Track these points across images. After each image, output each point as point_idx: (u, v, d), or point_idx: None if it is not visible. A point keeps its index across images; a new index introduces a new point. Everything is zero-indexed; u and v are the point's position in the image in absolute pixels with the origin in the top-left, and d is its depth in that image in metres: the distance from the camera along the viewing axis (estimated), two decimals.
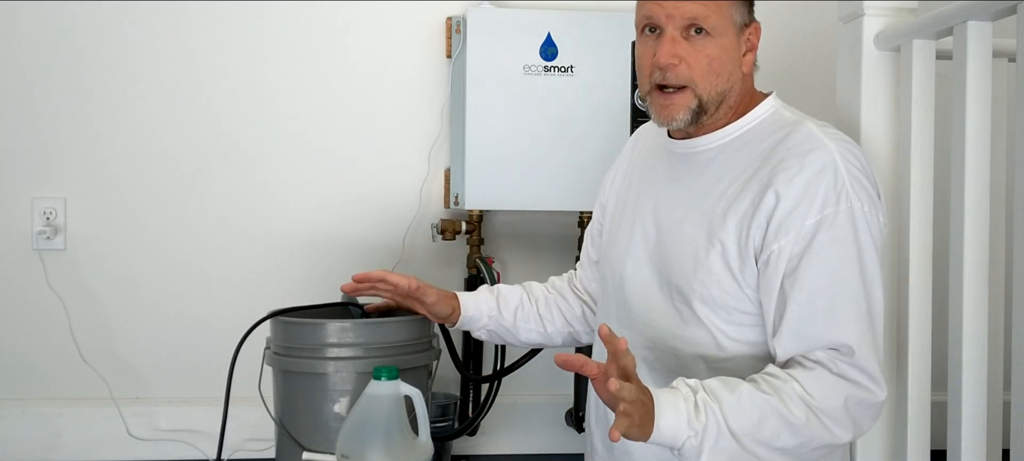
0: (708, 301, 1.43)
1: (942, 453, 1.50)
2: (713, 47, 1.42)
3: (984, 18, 1.41)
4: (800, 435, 1.32)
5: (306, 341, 1.77)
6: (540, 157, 2.35)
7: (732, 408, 1.30)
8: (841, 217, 1.36)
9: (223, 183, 2.46)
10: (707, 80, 1.43)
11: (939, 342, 1.56)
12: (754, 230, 1.38)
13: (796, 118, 1.47)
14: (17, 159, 2.40)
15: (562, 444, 2.54)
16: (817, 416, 1.32)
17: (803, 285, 1.36)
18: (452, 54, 2.43)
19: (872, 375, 1.35)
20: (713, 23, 1.42)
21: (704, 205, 1.45)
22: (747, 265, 1.40)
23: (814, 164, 1.37)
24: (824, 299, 1.35)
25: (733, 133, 1.48)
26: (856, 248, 1.36)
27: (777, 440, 1.32)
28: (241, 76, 2.46)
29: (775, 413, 1.31)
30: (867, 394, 1.35)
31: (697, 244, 1.44)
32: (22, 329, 2.42)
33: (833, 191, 1.36)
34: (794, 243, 1.36)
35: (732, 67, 1.45)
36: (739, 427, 1.29)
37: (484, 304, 1.74)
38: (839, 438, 1.35)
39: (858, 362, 1.34)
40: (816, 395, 1.33)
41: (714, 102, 1.45)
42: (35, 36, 2.39)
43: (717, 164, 1.48)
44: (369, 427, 1.47)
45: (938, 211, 1.58)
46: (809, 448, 1.35)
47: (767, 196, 1.37)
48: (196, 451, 2.42)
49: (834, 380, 1.34)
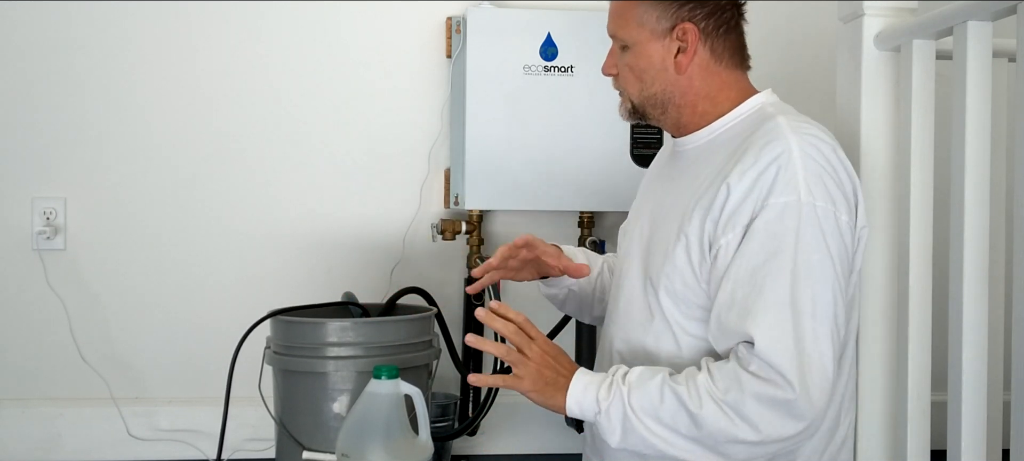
0: (671, 293, 1.46)
1: (942, 453, 1.50)
2: (631, 57, 1.53)
3: (984, 18, 1.41)
4: (702, 426, 1.34)
5: (306, 340, 1.77)
6: (540, 157, 2.35)
7: (639, 390, 1.37)
8: (785, 209, 1.34)
9: (223, 183, 2.46)
10: (634, 88, 1.55)
11: (939, 342, 1.56)
12: (708, 223, 1.41)
13: (774, 111, 1.47)
14: (17, 159, 2.40)
15: (562, 444, 2.54)
16: (719, 407, 1.33)
17: (730, 273, 1.37)
18: (452, 54, 2.44)
19: (781, 371, 1.31)
20: (627, 36, 1.53)
21: (681, 201, 1.48)
22: (704, 259, 1.42)
23: (766, 157, 1.37)
24: (743, 289, 1.36)
25: (716, 130, 1.52)
26: (794, 241, 1.34)
27: (679, 425, 1.35)
28: (241, 76, 2.46)
29: (677, 399, 1.35)
30: (777, 391, 1.31)
31: (669, 238, 1.47)
32: (22, 329, 2.42)
33: (781, 183, 1.35)
34: (740, 235, 1.37)
35: (656, 72, 1.52)
36: (640, 406, 1.36)
37: (588, 260, 1.77)
38: (746, 434, 1.33)
39: (762, 355, 1.31)
40: (720, 386, 1.34)
41: (650, 103, 1.54)
42: (35, 36, 2.39)
43: (699, 161, 1.51)
44: (369, 426, 1.47)
45: (938, 211, 1.58)
46: (719, 442, 1.35)
47: (721, 189, 1.39)
48: (196, 451, 2.42)
49: (739, 372, 1.34)
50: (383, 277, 2.47)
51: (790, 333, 1.32)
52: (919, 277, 1.58)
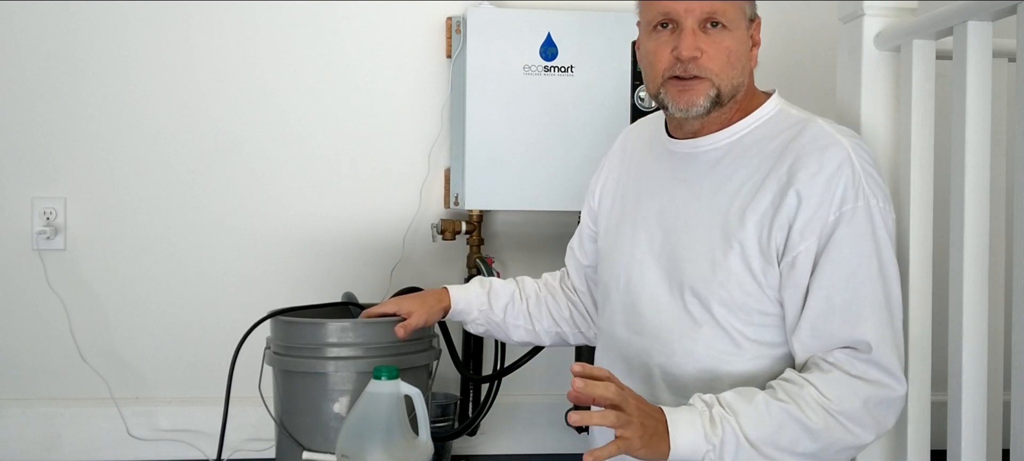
0: (727, 303, 1.42)
1: (942, 453, 1.50)
2: (730, 40, 1.43)
3: (984, 18, 1.41)
4: (820, 440, 1.32)
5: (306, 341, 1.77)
6: (540, 157, 2.35)
7: (749, 418, 1.30)
8: (859, 213, 1.37)
9: (223, 183, 2.46)
10: (725, 72, 1.43)
11: (939, 342, 1.56)
12: (776, 231, 1.38)
13: (804, 115, 1.48)
14: (17, 159, 2.40)
15: (562, 444, 2.54)
16: (836, 419, 1.32)
17: (821, 281, 1.36)
18: (452, 54, 2.43)
19: (891, 371, 1.36)
20: (730, 16, 1.43)
21: (716, 205, 1.45)
22: (770, 266, 1.40)
23: (832, 161, 1.38)
24: (842, 295, 1.36)
25: (740, 132, 1.48)
26: (874, 244, 1.37)
27: (797, 446, 1.32)
28: (241, 76, 2.46)
29: (793, 420, 1.31)
30: (886, 391, 1.35)
31: (713, 246, 1.43)
32: (22, 329, 2.42)
33: (851, 187, 1.37)
34: (817, 242, 1.37)
35: (745, 61, 1.46)
36: (757, 437, 1.30)
37: (475, 298, 1.73)
38: (861, 439, 1.35)
39: (876, 358, 1.35)
40: (833, 398, 1.32)
41: (729, 94, 1.45)
42: (35, 36, 2.39)
43: (726, 163, 1.47)
44: (369, 427, 1.47)
45: (938, 211, 1.58)
46: (832, 452, 1.35)
47: (788, 196, 1.38)
48: (196, 451, 2.42)
49: (851, 381, 1.34)
50: (383, 277, 2.48)
51: (889, 333, 1.37)
52: (919, 277, 1.58)
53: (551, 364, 2.28)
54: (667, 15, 1.44)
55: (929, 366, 1.59)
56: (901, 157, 1.61)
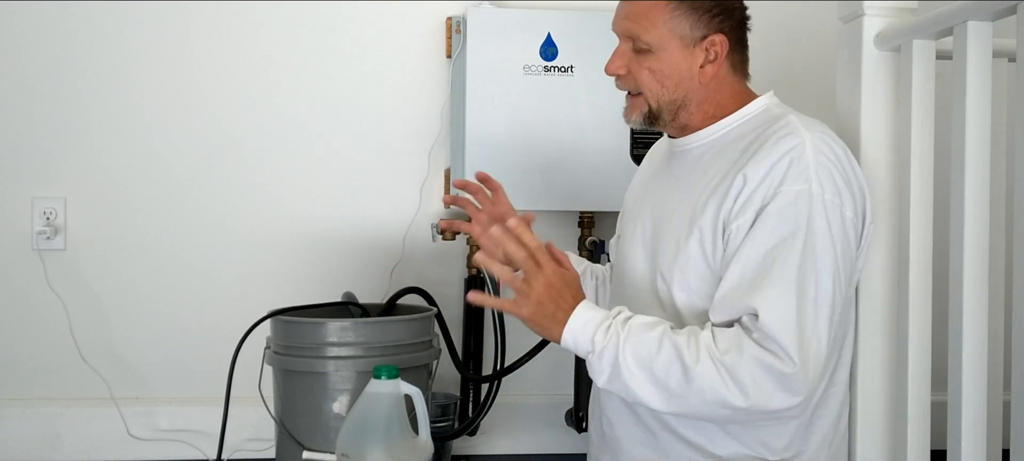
0: (685, 287, 1.47)
1: (942, 453, 1.50)
2: (653, 61, 1.51)
3: (984, 18, 1.41)
4: (693, 381, 1.34)
5: (306, 340, 1.77)
6: (540, 157, 2.35)
7: (638, 340, 1.37)
8: (792, 197, 1.38)
9: (223, 183, 2.46)
10: (655, 90, 1.52)
11: (939, 342, 1.56)
12: (723, 212, 1.43)
13: (783, 112, 1.52)
14: (17, 159, 2.40)
15: (562, 444, 2.54)
16: (714, 364, 1.35)
17: (740, 255, 1.40)
18: (452, 54, 2.44)
19: (783, 345, 1.34)
20: (652, 40, 1.50)
21: (690, 197, 1.50)
22: (717, 247, 1.44)
23: (781, 148, 1.41)
24: (753, 271, 1.38)
25: (721, 130, 1.54)
26: (805, 229, 1.38)
27: (670, 379, 1.35)
28: (241, 76, 2.46)
29: (675, 353, 1.36)
30: (776, 362, 1.34)
31: (680, 233, 1.49)
32: (22, 329, 2.42)
33: (793, 172, 1.39)
34: (751, 218, 1.40)
35: (681, 78, 1.51)
36: (634, 356, 1.36)
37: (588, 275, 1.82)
38: (734, 399, 1.35)
39: (765, 327, 1.34)
40: (720, 345, 1.36)
41: (669, 109, 1.53)
42: (35, 36, 2.39)
43: (705, 159, 1.53)
44: (369, 426, 1.47)
45: (938, 211, 1.58)
46: (699, 400, 1.36)
47: (737, 178, 1.42)
48: (196, 451, 2.42)
49: (742, 337, 1.36)
50: (383, 277, 2.48)
51: (793, 312, 1.36)
52: (919, 277, 1.58)
53: (551, 364, 2.27)
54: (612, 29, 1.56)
55: (929, 366, 1.59)
56: (901, 157, 1.61)
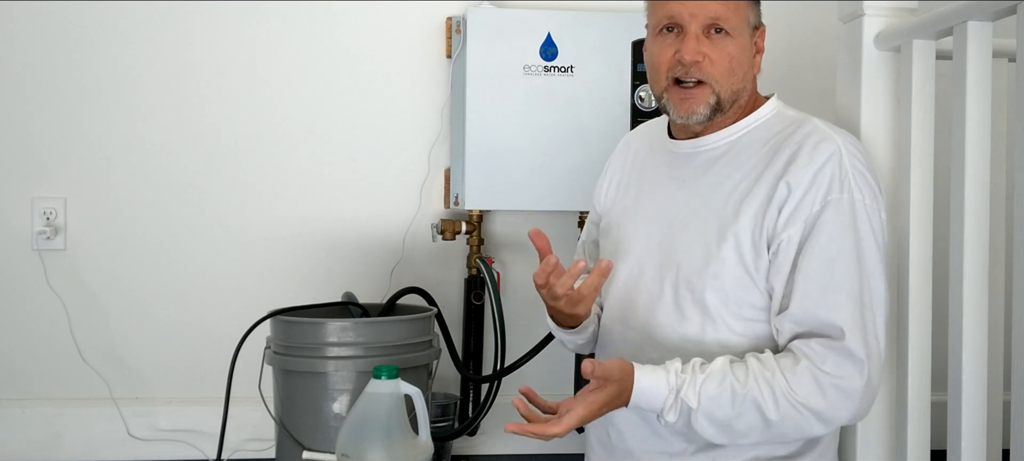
0: (719, 293, 1.45)
1: (942, 453, 1.50)
2: (732, 46, 1.47)
3: (984, 18, 1.41)
4: (774, 427, 1.38)
5: (306, 340, 1.77)
6: (540, 157, 2.35)
7: (706, 402, 1.37)
8: (843, 205, 1.40)
9: (223, 183, 2.46)
10: (726, 78, 1.47)
11: (939, 342, 1.56)
12: (767, 221, 1.43)
13: (801, 115, 1.52)
14: (17, 159, 2.40)
15: (562, 444, 2.52)
16: (796, 409, 1.37)
17: (802, 267, 1.40)
18: (452, 54, 2.44)
19: (857, 359, 1.37)
20: (733, 23, 1.47)
21: (713, 203, 1.48)
22: (760, 256, 1.43)
23: (822, 154, 1.42)
24: (820, 281, 1.39)
25: (738, 132, 1.52)
26: (854, 236, 1.40)
27: (750, 434, 1.39)
28: (240, 76, 2.46)
29: (755, 408, 1.37)
30: (850, 382, 1.37)
31: (708, 240, 1.47)
32: (22, 329, 2.42)
33: (838, 180, 1.41)
34: (802, 229, 1.40)
35: (747, 67, 1.50)
36: (709, 418, 1.38)
37: None
38: (816, 429, 1.39)
39: (848, 345, 1.37)
40: (799, 391, 1.37)
41: (730, 100, 1.50)
42: (35, 36, 2.39)
43: (723, 162, 1.51)
44: (369, 426, 1.47)
45: (938, 211, 1.58)
46: (782, 437, 1.41)
47: (779, 187, 1.42)
48: (196, 451, 2.42)
49: (816, 373, 1.37)
50: (383, 277, 2.48)
51: (861, 325, 1.38)
52: (919, 277, 1.58)
53: (551, 364, 2.27)
54: (672, 19, 1.48)
55: (929, 366, 1.59)
56: (901, 157, 1.61)
